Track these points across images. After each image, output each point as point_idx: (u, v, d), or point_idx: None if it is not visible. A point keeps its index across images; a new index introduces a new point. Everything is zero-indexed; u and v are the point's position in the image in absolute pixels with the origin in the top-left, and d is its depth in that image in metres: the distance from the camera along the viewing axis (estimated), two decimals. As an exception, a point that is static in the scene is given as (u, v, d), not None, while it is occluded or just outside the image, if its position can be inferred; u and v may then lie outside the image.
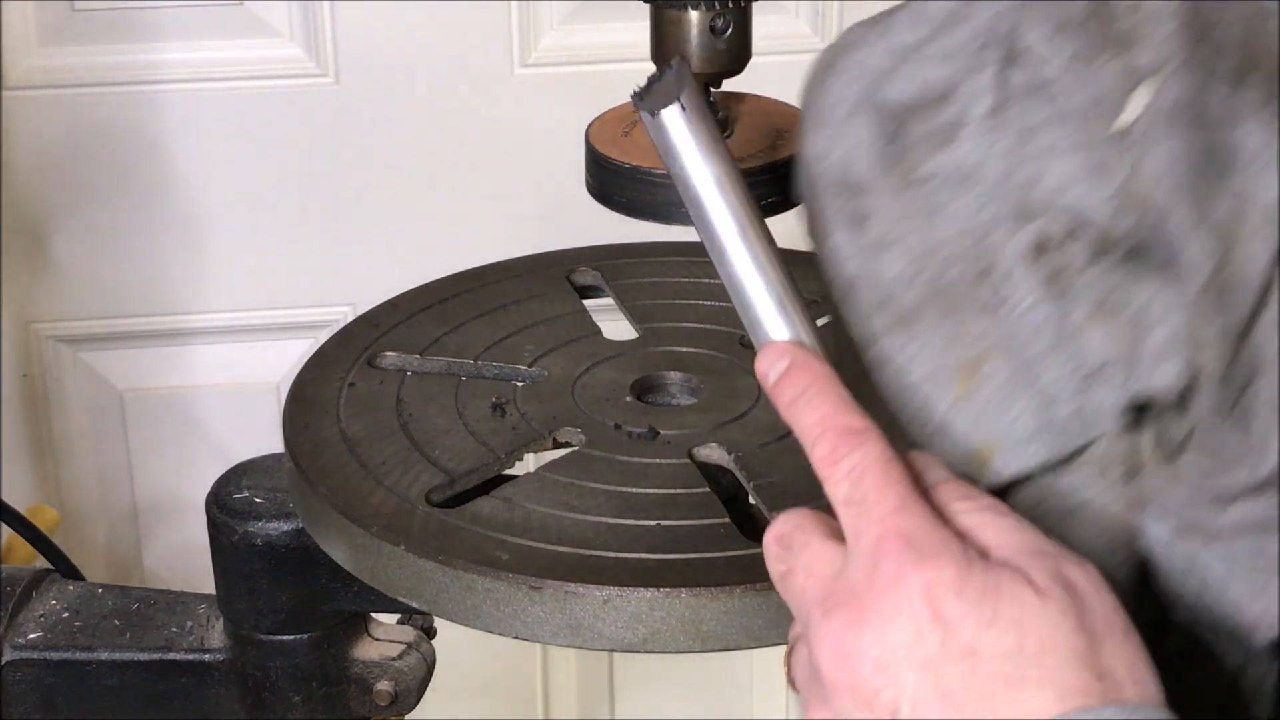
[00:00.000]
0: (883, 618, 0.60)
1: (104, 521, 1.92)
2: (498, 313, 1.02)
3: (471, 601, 0.77)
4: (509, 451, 0.88)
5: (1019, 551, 0.62)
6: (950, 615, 0.59)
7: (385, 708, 0.95)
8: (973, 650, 0.58)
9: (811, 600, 0.63)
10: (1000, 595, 0.59)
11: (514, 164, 1.81)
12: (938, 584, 0.59)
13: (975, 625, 0.59)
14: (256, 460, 0.96)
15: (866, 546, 0.62)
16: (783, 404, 0.67)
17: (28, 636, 0.95)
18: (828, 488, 0.64)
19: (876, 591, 0.60)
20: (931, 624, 0.59)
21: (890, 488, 0.63)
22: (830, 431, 0.65)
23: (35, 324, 1.84)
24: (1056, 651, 0.58)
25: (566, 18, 1.79)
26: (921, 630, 0.59)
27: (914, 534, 0.61)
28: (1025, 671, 0.58)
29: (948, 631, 0.59)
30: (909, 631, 0.59)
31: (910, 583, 0.60)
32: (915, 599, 0.59)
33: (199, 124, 1.79)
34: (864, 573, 0.61)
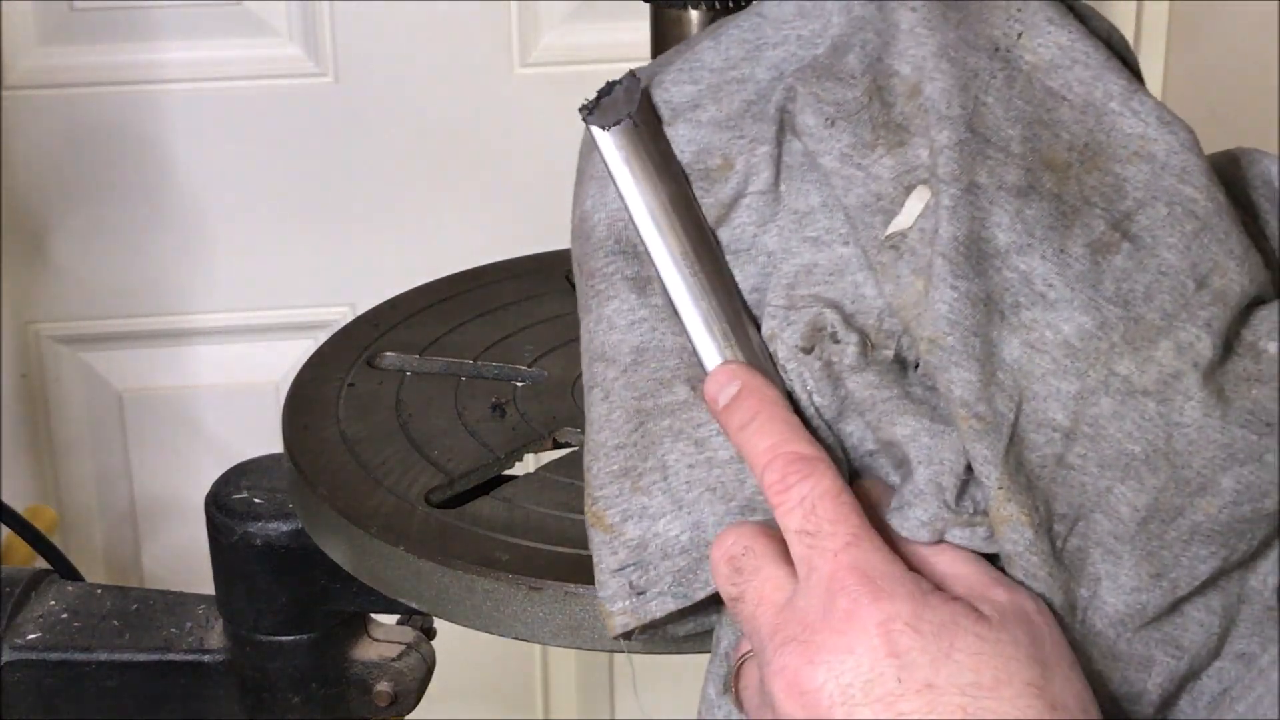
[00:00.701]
0: (838, 654, 0.59)
1: (103, 522, 1.92)
2: (498, 313, 1.02)
3: (471, 602, 0.77)
4: (509, 452, 0.87)
5: (973, 583, 0.62)
6: (906, 650, 0.59)
7: (385, 708, 0.95)
8: (930, 685, 0.58)
9: (764, 630, 0.62)
10: (956, 629, 0.59)
11: (514, 164, 1.81)
12: (893, 619, 0.59)
13: (931, 660, 0.58)
14: (256, 460, 0.95)
15: (820, 580, 0.61)
16: (732, 429, 0.67)
17: (26, 637, 0.95)
18: (779, 515, 0.64)
19: (831, 627, 0.60)
20: (888, 660, 0.59)
21: (843, 520, 0.62)
22: (780, 459, 0.64)
23: (35, 324, 1.84)
24: (1012, 683, 0.58)
25: (566, 18, 1.79)
26: (878, 666, 0.59)
27: (868, 568, 0.61)
28: (983, 704, 0.58)
29: (904, 668, 0.58)
30: (865, 668, 0.59)
31: (865, 618, 0.59)
32: (871, 635, 0.59)
33: (199, 124, 1.79)
34: (818, 606, 0.61)
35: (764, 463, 0.65)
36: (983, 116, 0.68)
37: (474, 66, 1.79)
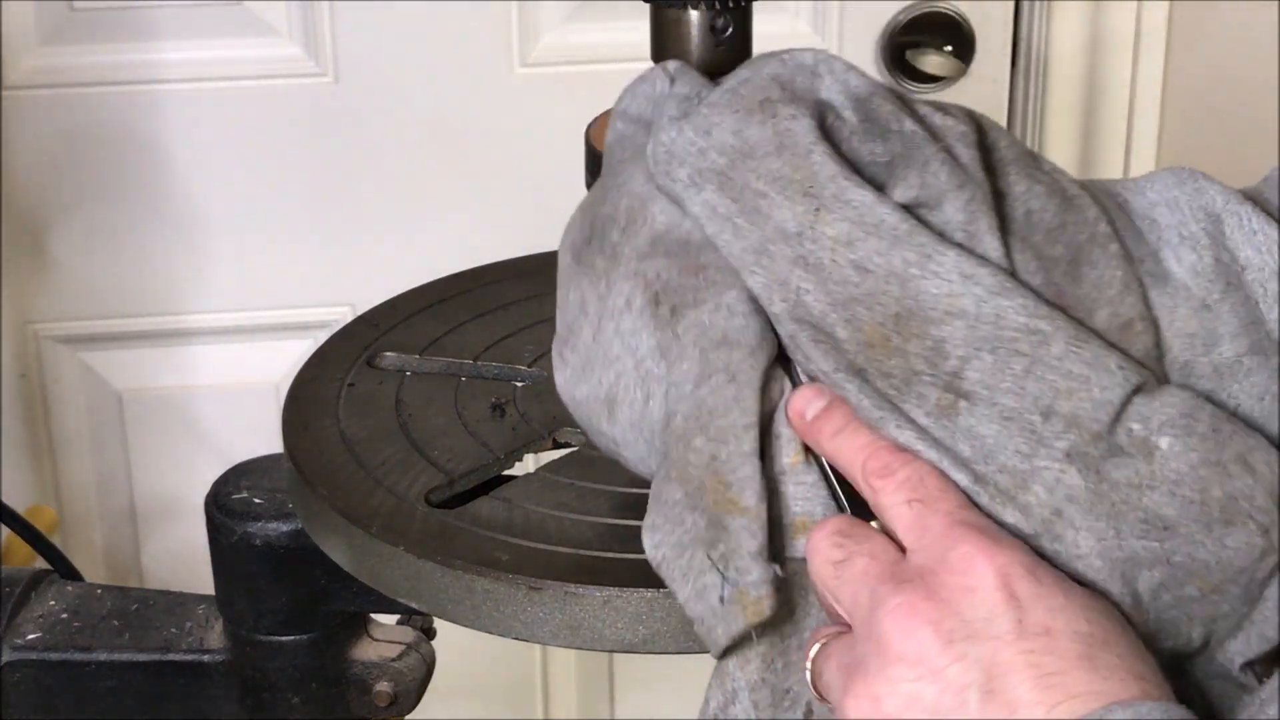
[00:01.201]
0: (957, 593, 0.61)
1: (103, 522, 1.92)
2: (498, 313, 1.02)
3: (471, 602, 0.77)
4: (509, 452, 0.87)
5: None
6: (1024, 596, 0.60)
7: (385, 708, 0.95)
8: (1049, 629, 0.60)
9: (876, 578, 0.63)
10: (1070, 587, 0.61)
11: (514, 164, 1.81)
12: (1012, 565, 0.61)
13: (1048, 608, 0.60)
14: (256, 461, 0.95)
15: (935, 535, 0.63)
16: (825, 436, 0.68)
17: (26, 637, 0.95)
18: (883, 496, 0.66)
19: (949, 569, 0.62)
20: (1007, 603, 0.60)
21: (951, 490, 0.65)
22: (880, 450, 0.67)
23: (34, 324, 1.84)
24: (1120, 642, 0.60)
25: (566, 18, 1.79)
26: (996, 608, 0.60)
27: (982, 525, 0.63)
28: (1097, 654, 0.59)
29: (1024, 610, 0.60)
30: (985, 607, 0.60)
31: (984, 563, 0.61)
32: (990, 578, 0.61)
33: (199, 124, 1.79)
34: (935, 556, 0.62)
35: (865, 455, 0.67)
36: (807, 306, 0.69)
37: (474, 66, 1.79)
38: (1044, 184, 0.73)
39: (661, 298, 0.73)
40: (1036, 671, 0.59)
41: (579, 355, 0.77)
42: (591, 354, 0.76)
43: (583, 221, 0.78)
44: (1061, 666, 0.59)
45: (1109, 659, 0.59)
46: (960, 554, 0.62)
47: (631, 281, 0.74)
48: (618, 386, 0.75)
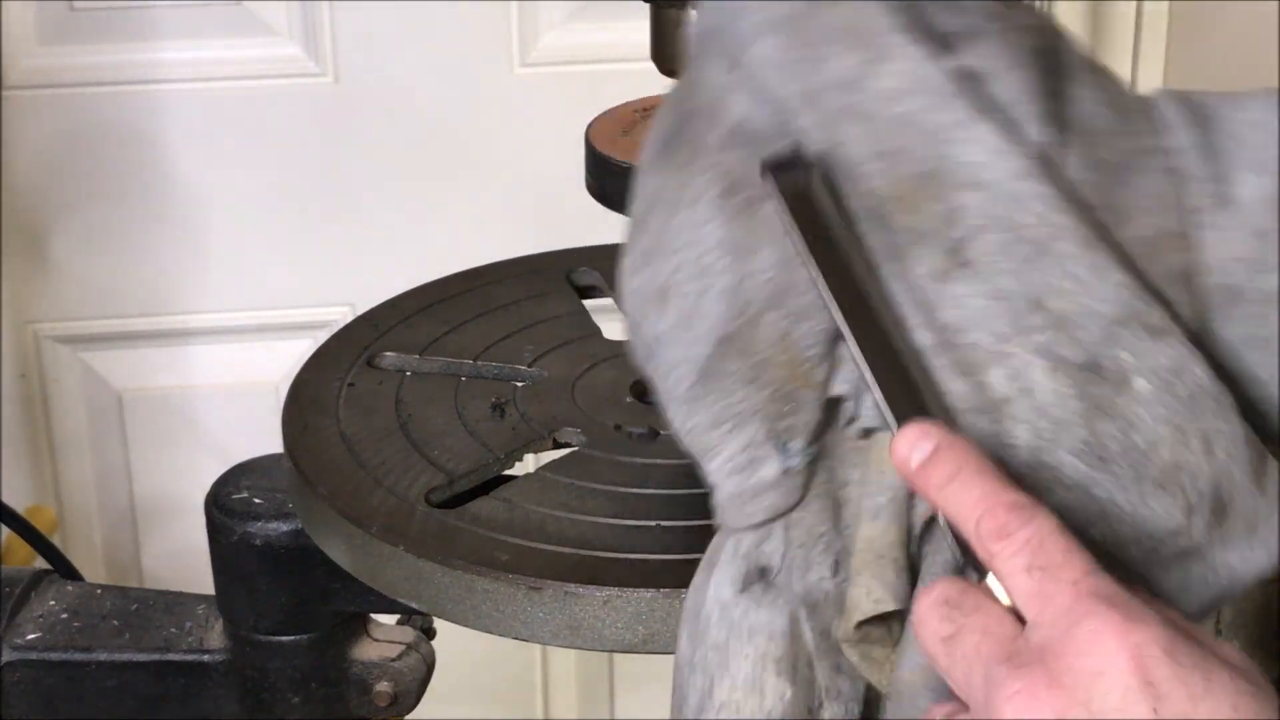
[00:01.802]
0: (1084, 679, 0.55)
1: (103, 522, 1.92)
2: (498, 313, 1.02)
3: (471, 602, 0.77)
4: (509, 452, 0.87)
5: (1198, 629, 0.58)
6: (1161, 681, 0.54)
7: (385, 708, 0.94)
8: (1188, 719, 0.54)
9: (991, 659, 0.57)
10: (1212, 665, 0.55)
11: (514, 164, 1.81)
12: (1147, 645, 0.55)
13: (1188, 696, 0.54)
14: (255, 460, 0.95)
15: (1059, 609, 0.57)
16: (932, 487, 0.62)
17: (26, 637, 0.95)
18: (999, 562, 0.59)
19: (1075, 650, 0.55)
20: (1142, 689, 0.54)
21: (1076, 553, 0.58)
22: (998, 507, 0.60)
23: (34, 324, 1.84)
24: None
25: (566, 18, 1.79)
26: (1131, 694, 0.54)
27: (1113, 595, 0.56)
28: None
29: (1160, 699, 0.54)
30: (1118, 694, 0.54)
31: (1115, 643, 0.55)
32: (1122, 661, 0.54)
33: (199, 124, 1.79)
34: (1059, 633, 0.56)
35: (978, 514, 0.60)
36: (844, 155, 0.69)
37: (474, 66, 1.79)
38: (1108, 92, 0.72)
39: (737, 188, 0.72)
40: None
41: (643, 243, 0.75)
42: (656, 243, 0.74)
43: (670, 115, 0.77)
44: None
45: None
46: (1087, 631, 0.55)
47: (708, 173, 0.73)
48: (675, 277, 0.73)
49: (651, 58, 0.91)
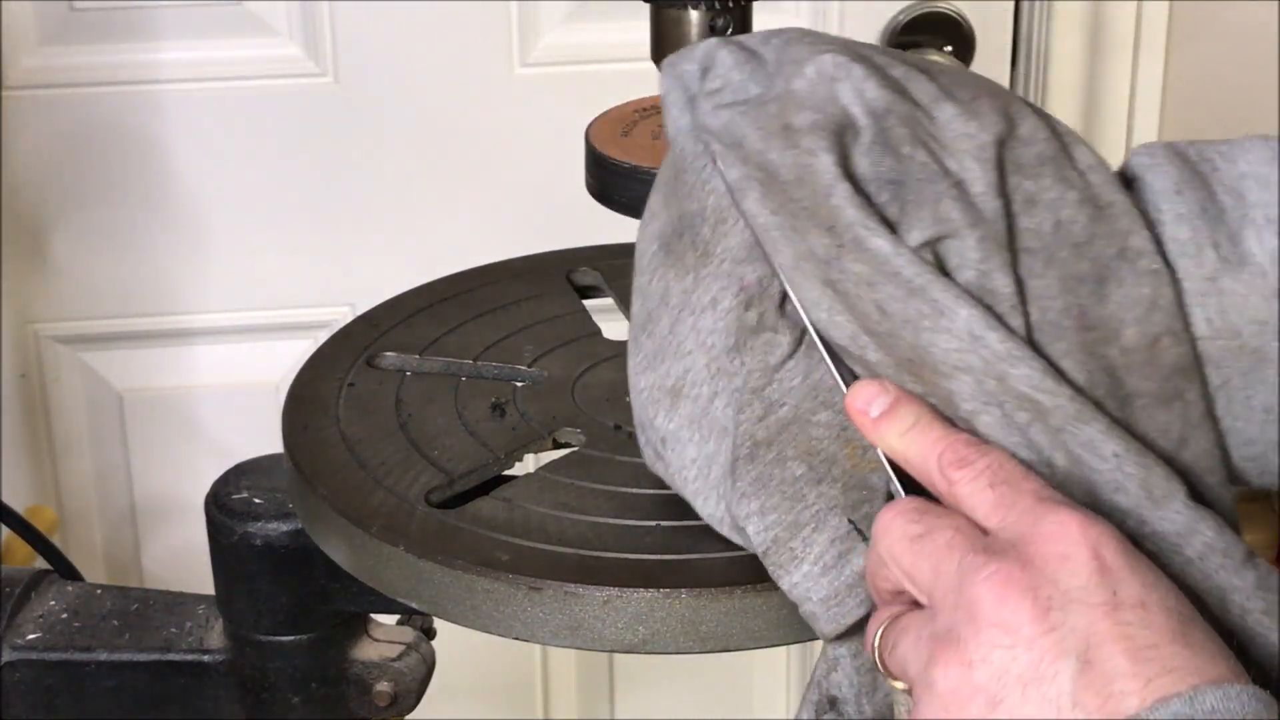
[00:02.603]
0: (1052, 561, 0.60)
1: (103, 522, 1.92)
2: (498, 313, 1.02)
3: (471, 602, 0.77)
4: (509, 452, 0.87)
5: None
6: (1118, 569, 0.60)
7: (385, 709, 0.94)
8: (1143, 602, 0.59)
9: (965, 549, 0.62)
10: (1155, 566, 0.61)
11: (514, 164, 1.81)
12: (1104, 538, 0.60)
13: (1141, 583, 0.60)
14: (256, 460, 0.95)
15: (1023, 509, 0.62)
16: (894, 434, 0.68)
17: (26, 637, 0.95)
18: (961, 486, 0.65)
19: (1043, 538, 0.61)
20: (1102, 572, 0.59)
21: (1033, 478, 0.64)
22: (957, 443, 0.66)
23: (34, 324, 1.84)
24: (1201, 623, 0.60)
25: (566, 18, 1.79)
26: (1092, 577, 0.60)
27: (1071, 504, 0.62)
28: (1189, 631, 0.59)
29: (1119, 583, 0.59)
30: (1081, 576, 0.60)
31: (1078, 533, 0.60)
32: (1085, 548, 0.60)
33: (199, 124, 1.78)
34: (1025, 527, 0.62)
35: (940, 449, 0.66)
36: (839, 326, 0.70)
37: (474, 66, 1.79)
38: (1077, 189, 0.72)
39: (754, 303, 0.74)
40: (1132, 644, 0.58)
41: (652, 343, 0.77)
42: (665, 345, 0.76)
43: (667, 213, 0.78)
44: (1156, 640, 0.58)
45: (1198, 636, 0.59)
46: (1052, 523, 0.61)
47: (722, 282, 0.74)
48: (685, 380, 0.75)
49: (651, 58, 0.91)
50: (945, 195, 0.70)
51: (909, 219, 0.70)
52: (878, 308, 0.69)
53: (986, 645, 0.59)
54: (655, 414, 0.77)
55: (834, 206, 0.70)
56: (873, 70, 0.74)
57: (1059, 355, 0.70)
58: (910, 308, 0.68)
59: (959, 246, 0.70)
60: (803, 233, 0.70)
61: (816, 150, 0.71)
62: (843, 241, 0.69)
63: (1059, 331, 0.70)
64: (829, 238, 0.70)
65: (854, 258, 0.69)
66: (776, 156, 0.72)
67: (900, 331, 0.69)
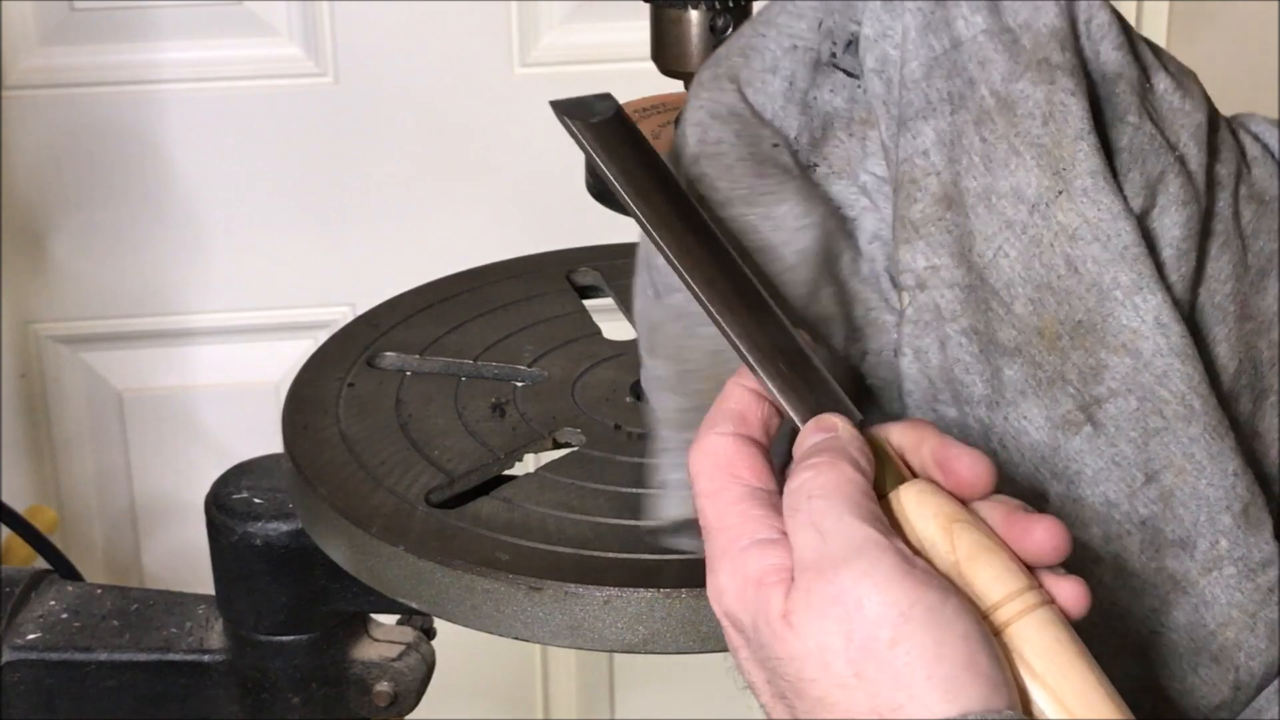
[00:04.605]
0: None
1: (103, 522, 1.92)
2: (498, 313, 1.02)
3: (471, 602, 0.77)
4: (509, 452, 0.87)
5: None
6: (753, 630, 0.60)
7: (385, 708, 0.94)
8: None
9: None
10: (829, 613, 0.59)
11: (514, 164, 1.81)
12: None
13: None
14: (256, 460, 0.95)
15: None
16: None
17: (26, 637, 0.95)
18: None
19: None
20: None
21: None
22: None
23: (34, 324, 1.84)
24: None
25: (566, 18, 1.79)
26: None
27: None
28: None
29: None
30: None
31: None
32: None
33: (199, 124, 1.78)
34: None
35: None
36: (999, 268, 0.69)
37: (474, 66, 1.79)
38: (1248, 185, 0.73)
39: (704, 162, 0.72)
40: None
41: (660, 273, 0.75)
42: None
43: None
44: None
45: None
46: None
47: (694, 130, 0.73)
48: None
49: (652, 58, 0.91)
50: (1169, 170, 0.69)
51: (1131, 186, 0.70)
52: (1068, 262, 0.68)
53: None
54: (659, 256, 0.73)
55: (1078, 151, 0.68)
56: (1112, 19, 0.71)
57: (1217, 340, 0.70)
58: (1109, 273, 0.67)
59: (1166, 223, 0.69)
60: (1014, 168, 0.69)
61: (1075, 92, 0.68)
62: (1069, 187, 0.68)
63: (1222, 315, 0.70)
64: (1052, 180, 0.68)
65: (1072, 206, 0.68)
66: (1027, 88, 0.69)
67: (1083, 292, 0.68)
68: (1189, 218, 0.69)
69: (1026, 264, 0.68)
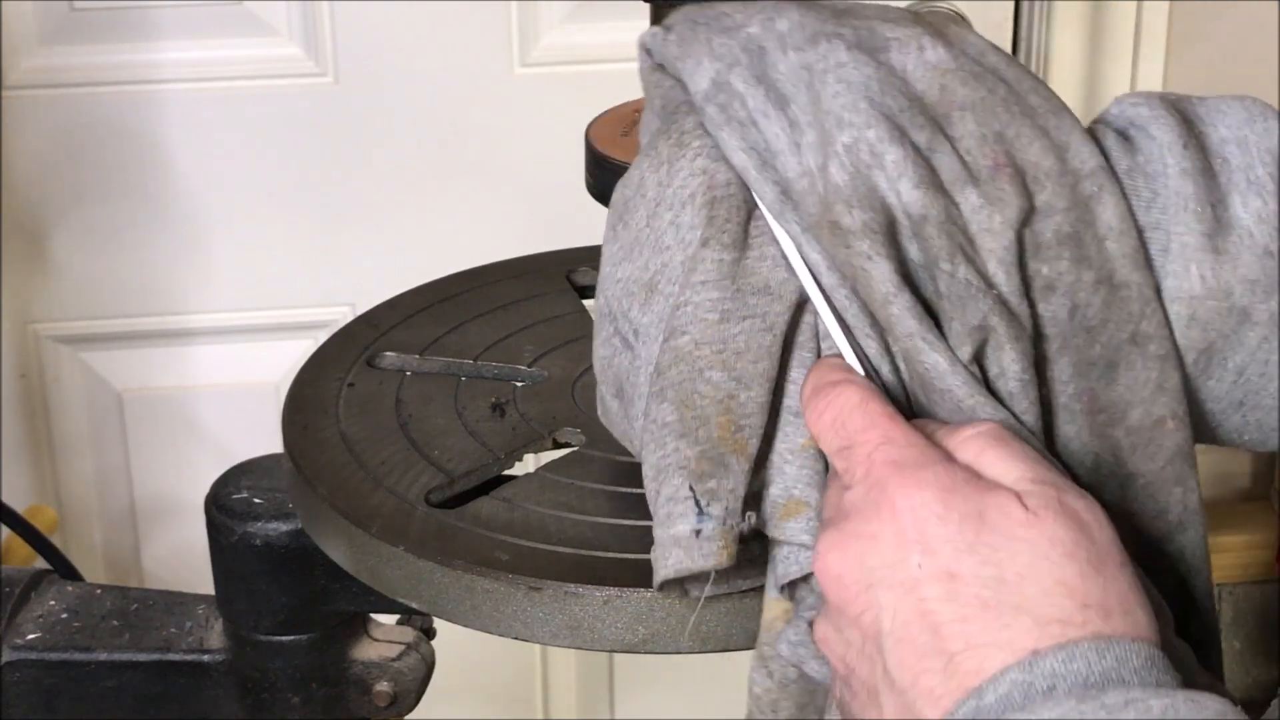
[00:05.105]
0: (863, 541, 0.62)
1: (103, 522, 1.92)
2: (498, 313, 1.02)
3: (471, 602, 0.77)
4: (509, 452, 0.87)
5: (1019, 479, 0.63)
6: (931, 538, 0.60)
7: (384, 709, 0.94)
8: (952, 574, 0.59)
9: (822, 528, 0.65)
10: (984, 521, 0.61)
11: (514, 164, 1.81)
12: (921, 508, 0.61)
13: (954, 550, 0.60)
14: (255, 460, 0.95)
15: (859, 482, 0.64)
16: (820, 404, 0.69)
17: (26, 637, 0.95)
18: (822, 448, 0.67)
19: (861, 515, 0.62)
20: (912, 545, 0.60)
21: (871, 426, 0.65)
22: (811, 394, 0.68)
23: (34, 324, 1.84)
24: (1039, 580, 0.59)
25: (566, 18, 1.79)
26: (900, 551, 0.60)
27: (901, 460, 0.63)
28: (1003, 597, 0.59)
29: (926, 553, 0.60)
30: (889, 553, 0.61)
31: (891, 506, 0.61)
32: (896, 521, 0.61)
33: (199, 124, 1.79)
34: (856, 499, 0.63)
35: (802, 405, 0.68)
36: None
37: (474, 66, 1.79)
38: (1094, 269, 0.71)
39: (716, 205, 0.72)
40: (926, 622, 0.59)
41: (629, 234, 0.75)
42: (641, 236, 0.74)
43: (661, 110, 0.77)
44: (961, 614, 0.59)
45: (1016, 601, 0.59)
46: (871, 502, 0.63)
47: (699, 178, 0.72)
48: (661, 275, 0.73)
49: (651, 58, 0.91)
50: (991, 312, 0.68)
51: (955, 337, 0.69)
52: (928, 401, 0.69)
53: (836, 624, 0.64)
54: (630, 306, 0.74)
55: (892, 315, 0.68)
56: (905, 155, 0.69)
57: (1069, 437, 0.70)
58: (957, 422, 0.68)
59: (1000, 358, 0.69)
60: (866, 293, 0.69)
61: (874, 256, 0.68)
62: (899, 347, 0.69)
63: (1070, 415, 0.70)
64: (877, 344, 0.69)
65: (906, 368, 0.69)
66: (830, 250, 0.69)
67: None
68: (1022, 352, 0.69)
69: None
